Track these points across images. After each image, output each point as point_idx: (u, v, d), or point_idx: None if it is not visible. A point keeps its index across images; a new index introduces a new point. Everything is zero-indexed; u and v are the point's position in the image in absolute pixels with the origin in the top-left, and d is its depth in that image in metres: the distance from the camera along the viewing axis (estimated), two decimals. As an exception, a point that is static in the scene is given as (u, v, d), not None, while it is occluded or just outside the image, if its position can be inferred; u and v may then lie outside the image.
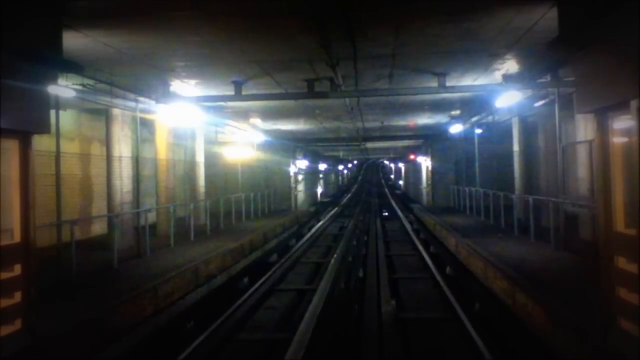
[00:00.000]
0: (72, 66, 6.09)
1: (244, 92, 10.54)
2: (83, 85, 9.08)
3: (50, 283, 8.17)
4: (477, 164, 20.90)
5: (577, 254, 10.52)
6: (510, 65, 10.05)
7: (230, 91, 10.58)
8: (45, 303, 6.50)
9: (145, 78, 10.04)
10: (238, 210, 20.09)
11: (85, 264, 10.06)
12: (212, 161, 21.69)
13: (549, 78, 10.06)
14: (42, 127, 5.41)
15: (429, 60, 9.51)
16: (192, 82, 10.52)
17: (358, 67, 9.70)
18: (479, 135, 20.62)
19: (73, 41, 7.28)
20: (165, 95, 10.65)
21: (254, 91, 10.92)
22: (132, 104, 11.72)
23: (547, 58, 9.51)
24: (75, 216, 14.71)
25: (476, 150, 20.85)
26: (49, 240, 10.03)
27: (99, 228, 15.80)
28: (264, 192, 24.59)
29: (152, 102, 11.30)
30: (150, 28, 7.41)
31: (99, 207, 15.82)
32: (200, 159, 19.14)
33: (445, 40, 8.29)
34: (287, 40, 8.16)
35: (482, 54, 9.26)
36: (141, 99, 11.38)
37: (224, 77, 10.26)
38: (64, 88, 8.82)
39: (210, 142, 20.46)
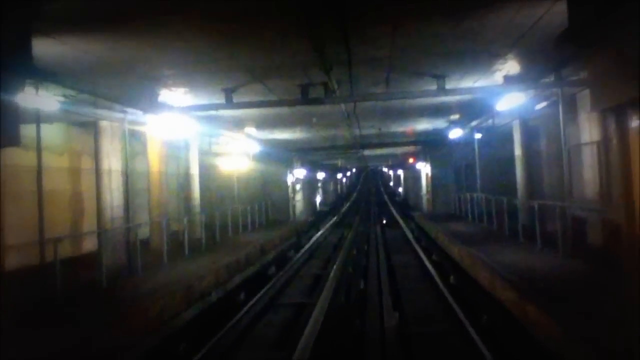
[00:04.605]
0: (42, 74, 5.64)
1: (235, 100, 10.10)
2: (65, 96, 8.62)
3: (29, 307, 7.69)
4: (477, 169, 20.47)
5: (587, 260, 10.07)
6: (512, 66, 9.63)
7: (220, 99, 10.14)
8: (21, 328, 6.03)
9: (131, 88, 9.58)
10: (235, 222, 19.63)
11: (73, 284, 9.59)
12: (207, 172, 21.25)
13: (552, 78, 9.63)
14: (10, 140, 4.97)
15: (427, 62, 9.09)
16: (181, 90, 10.06)
17: (353, 71, 9.27)
18: (479, 140, 20.25)
19: (49, 49, 6.84)
20: (153, 105, 10.20)
21: (246, 99, 10.46)
22: (119, 115, 11.28)
23: (550, 57, 9.09)
24: (65, 233, 14.29)
25: (476, 155, 20.43)
26: (36, 259, 9.62)
27: (91, 245, 15.29)
28: (262, 203, 24.17)
29: (141, 113, 10.85)
30: (133, 34, 6.98)
31: (91, 222, 15.32)
32: (194, 170, 18.68)
33: (445, 41, 7.87)
34: (277, 43, 7.74)
35: (482, 54, 8.84)
36: (129, 109, 10.93)
37: (214, 85, 9.81)
38: (43, 99, 8.39)
39: (205, 153, 20.03)
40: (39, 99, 8.39)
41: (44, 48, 6.68)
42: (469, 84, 10.62)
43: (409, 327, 8.83)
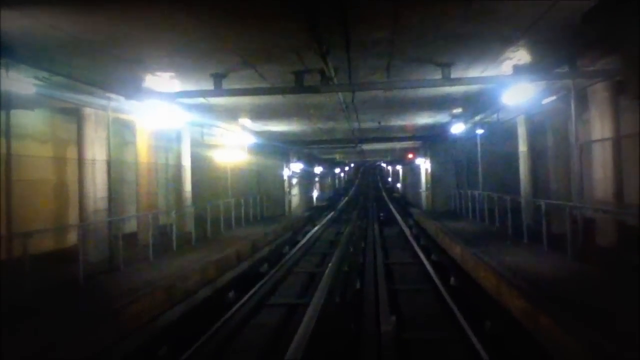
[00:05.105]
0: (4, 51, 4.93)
1: (225, 87, 9.39)
2: (37, 78, 7.91)
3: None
4: (479, 166, 19.84)
5: (598, 263, 9.45)
6: (523, 54, 8.91)
7: (209, 86, 9.44)
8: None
9: (111, 71, 8.83)
10: (228, 216, 18.97)
11: (48, 281, 8.94)
12: (200, 165, 20.55)
13: (566, 69, 8.94)
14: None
15: (432, 48, 8.36)
16: (166, 75, 9.31)
17: (352, 56, 8.57)
18: (481, 136, 19.63)
19: (13, 23, 6.14)
20: (136, 90, 9.49)
21: (236, 86, 9.74)
22: (103, 101, 10.59)
23: (564, 46, 8.42)
24: (49, 225, 13.65)
25: (479, 151, 19.79)
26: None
27: (76, 238, 14.72)
28: (257, 197, 23.53)
29: (125, 100, 10.15)
30: (108, 10, 6.27)
31: (77, 214, 14.75)
32: (186, 162, 17.99)
33: (452, 22, 7.16)
34: (269, 24, 7.04)
35: (492, 40, 8.13)
36: (112, 95, 10.22)
37: (202, 70, 9.08)
38: (13, 82, 7.69)
39: (197, 144, 19.31)
40: (8, 82, 7.70)
41: (6, 22, 5.99)
42: (475, 73, 9.90)
43: (406, 332, 8.29)
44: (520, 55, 8.92)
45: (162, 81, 9.59)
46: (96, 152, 11.99)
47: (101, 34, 7.14)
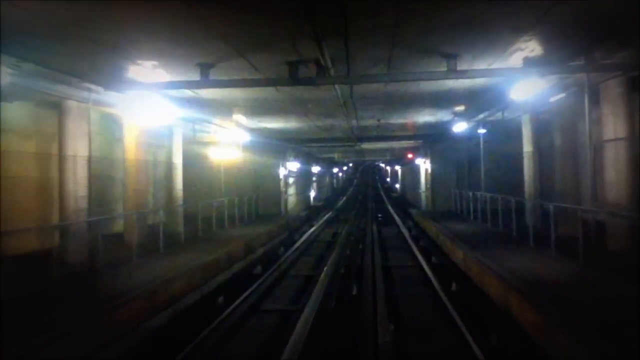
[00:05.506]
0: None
1: (213, 77, 8.71)
2: (7, 66, 7.22)
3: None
4: (482, 166, 19.21)
5: (611, 270, 8.82)
6: (535, 46, 8.24)
7: (196, 76, 8.75)
8: None
9: (88, 58, 8.09)
10: (221, 216, 18.30)
11: (20, 286, 8.24)
12: (193, 163, 19.91)
13: (582, 61, 8.27)
14: None
15: (437, 37, 7.69)
16: (148, 64, 8.57)
17: (350, 45, 7.90)
18: (483, 135, 19.01)
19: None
20: (116, 80, 8.80)
21: (225, 77, 9.06)
22: (84, 93, 9.90)
23: (581, 37, 7.78)
24: (30, 224, 12.99)
25: (481, 150, 19.16)
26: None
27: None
28: (252, 196, 22.88)
29: (109, 91, 9.46)
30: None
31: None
32: (177, 160, 17.35)
33: (460, 7, 6.50)
34: (260, 7, 6.38)
35: (502, 28, 7.47)
36: (91, 86, 9.53)
37: (188, 59, 8.38)
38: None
39: (190, 141, 18.66)
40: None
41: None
42: (483, 65, 9.21)
43: (406, 344, 7.71)
44: (532, 46, 8.26)
45: (145, 71, 8.88)
46: (78, 147, 11.33)
47: (73, 14, 6.42)
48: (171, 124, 16.51)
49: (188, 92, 11.17)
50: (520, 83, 9.73)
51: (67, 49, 7.52)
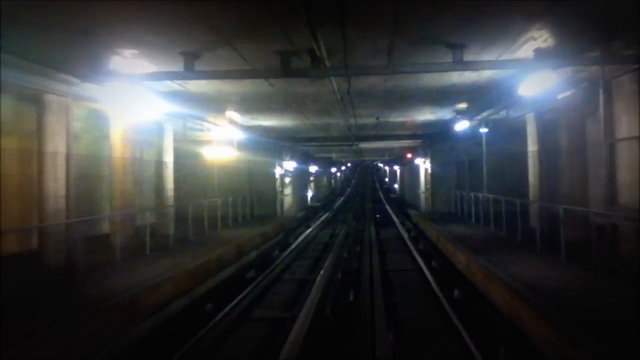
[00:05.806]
0: None
1: (198, 68, 8.04)
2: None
3: None
4: (484, 167, 18.59)
5: (627, 278, 8.20)
6: (547, 35, 7.60)
7: (180, 67, 8.09)
8: None
9: (62, 45, 7.40)
10: (214, 217, 17.63)
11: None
12: (184, 161, 19.24)
13: (597, 53, 7.63)
14: None
15: (442, 24, 7.04)
16: (128, 53, 7.87)
17: (347, 33, 7.24)
18: (486, 135, 18.40)
19: None
20: (95, 71, 8.12)
21: (211, 68, 8.39)
22: (62, 86, 9.23)
23: (597, 26, 7.14)
24: (12, 225, 12.36)
25: (484, 150, 18.54)
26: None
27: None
28: (246, 196, 22.22)
29: (86, 82, 8.79)
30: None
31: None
32: (168, 158, 16.69)
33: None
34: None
35: (512, 16, 6.84)
36: (69, 78, 8.86)
37: (170, 47, 7.69)
38: None
39: (182, 139, 17.98)
40: None
41: None
42: (491, 57, 8.55)
43: (405, 356, 7.19)
44: (545, 36, 7.61)
45: (125, 61, 8.19)
46: (58, 144, 10.67)
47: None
48: (161, 121, 15.86)
49: (175, 86, 10.50)
50: (530, 78, 9.12)
51: (36, 33, 6.81)
